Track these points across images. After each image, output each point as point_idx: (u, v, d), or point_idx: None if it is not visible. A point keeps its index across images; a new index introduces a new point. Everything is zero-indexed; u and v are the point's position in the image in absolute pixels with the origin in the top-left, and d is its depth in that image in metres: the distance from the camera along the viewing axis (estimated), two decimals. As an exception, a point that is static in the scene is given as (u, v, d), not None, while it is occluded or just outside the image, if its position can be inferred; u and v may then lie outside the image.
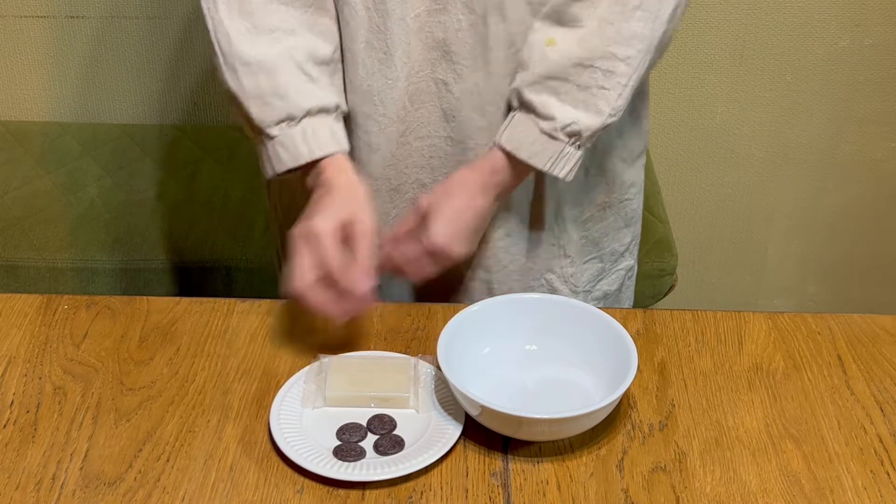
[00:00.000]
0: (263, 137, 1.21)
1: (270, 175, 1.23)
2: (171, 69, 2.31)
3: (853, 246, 2.52)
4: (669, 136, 2.38)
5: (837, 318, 1.24)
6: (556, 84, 1.17)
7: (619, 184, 1.37)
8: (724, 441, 1.07)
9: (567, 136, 1.18)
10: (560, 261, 1.36)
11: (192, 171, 2.19)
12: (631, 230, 1.43)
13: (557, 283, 1.37)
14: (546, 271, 1.36)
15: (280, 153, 1.20)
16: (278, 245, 1.47)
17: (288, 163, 1.20)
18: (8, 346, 1.18)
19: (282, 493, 1.00)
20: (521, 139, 1.19)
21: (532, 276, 1.35)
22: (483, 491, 1.01)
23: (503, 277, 1.34)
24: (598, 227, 1.38)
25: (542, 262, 1.35)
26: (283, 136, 1.20)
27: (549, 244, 1.34)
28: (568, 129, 1.18)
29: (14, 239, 1.98)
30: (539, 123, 1.18)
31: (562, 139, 1.18)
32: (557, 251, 1.35)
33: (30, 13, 2.26)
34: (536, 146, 1.19)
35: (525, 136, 1.19)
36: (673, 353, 1.19)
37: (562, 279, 1.37)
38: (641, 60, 1.17)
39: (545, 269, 1.35)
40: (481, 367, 1.12)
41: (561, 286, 1.37)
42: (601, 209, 1.37)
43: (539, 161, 1.19)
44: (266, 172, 1.23)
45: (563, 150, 1.19)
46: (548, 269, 1.35)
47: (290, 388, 1.11)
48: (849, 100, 2.34)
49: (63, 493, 1.00)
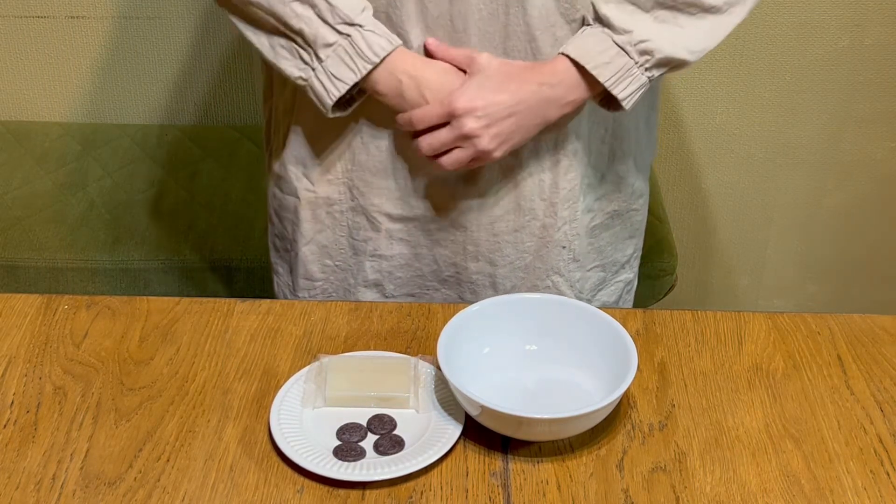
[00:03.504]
0: (319, 52, 1.18)
1: (334, 99, 1.19)
2: (172, 69, 2.31)
3: (853, 246, 2.52)
4: (669, 136, 2.38)
5: (837, 318, 1.24)
6: (641, 0, 1.17)
7: (630, 192, 1.37)
8: (724, 441, 1.07)
9: (638, 54, 1.16)
10: (568, 264, 1.35)
11: (192, 171, 2.19)
12: (634, 242, 1.43)
13: (564, 287, 1.36)
14: (553, 273, 1.35)
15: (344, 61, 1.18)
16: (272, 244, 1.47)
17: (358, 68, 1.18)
18: (8, 346, 1.18)
19: (282, 493, 1.00)
20: (590, 48, 1.17)
21: (537, 276, 1.35)
22: (483, 491, 1.01)
23: (508, 273, 1.33)
24: (604, 235, 1.38)
25: (549, 262, 1.34)
26: (342, 42, 1.17)
27: (560, 246, 1.33)
28: (641, 46, 1.16)
29: (14, 239, 1.98)
30: (612, 36, 1.16)
31: (632, 55, 1.16)
32: (567, 254, 1.34)
33: (30, 13, 2.26)
34: (604, 57, 1.16)
35: (594, 45, 1.17)
36: (673, 353, 1.19)
37: (568, 283, 1.36)
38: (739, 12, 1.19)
39: (552, 271, 1.35)
40: (481, 367, 1.12)
41: (567, 290, 1.36)
42: (610, 217, 1.37)
43: (603, 73, 1.17)
44: (326, 102, 1.20)
45: (630, 68, 1.17)
46: (555, 272, 1.35)
47: (290, 388, 1.11)
48: (849, 100, 2.34)
49: (63, 493, 1.00)
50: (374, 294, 1.37)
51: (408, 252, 1.34)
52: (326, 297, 1.39)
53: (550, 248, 1.33)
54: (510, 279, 1.34)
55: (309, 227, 1.34)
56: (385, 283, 1.36)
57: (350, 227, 1.33)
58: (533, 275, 1.34)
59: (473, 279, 1.34)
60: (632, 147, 1.34)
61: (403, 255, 1.34)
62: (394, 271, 1.35)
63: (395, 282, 1.36)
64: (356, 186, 1.30)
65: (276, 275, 1.45)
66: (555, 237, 1.32)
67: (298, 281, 1.38)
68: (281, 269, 1.43)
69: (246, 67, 2.31)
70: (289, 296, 1.42)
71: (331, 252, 1.35)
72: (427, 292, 1.37)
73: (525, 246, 1.32)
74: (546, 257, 1.34)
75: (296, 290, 1.39)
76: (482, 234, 1.31)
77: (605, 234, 1.38)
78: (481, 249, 1.32)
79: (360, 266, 1.35)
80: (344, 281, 1.37)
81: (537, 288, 1.35)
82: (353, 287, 1.37)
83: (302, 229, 1.35)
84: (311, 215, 1.34)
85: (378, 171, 1.28)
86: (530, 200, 1.29)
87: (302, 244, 1.36)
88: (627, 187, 1.36)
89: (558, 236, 1.32)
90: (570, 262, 1.35)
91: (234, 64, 2.31)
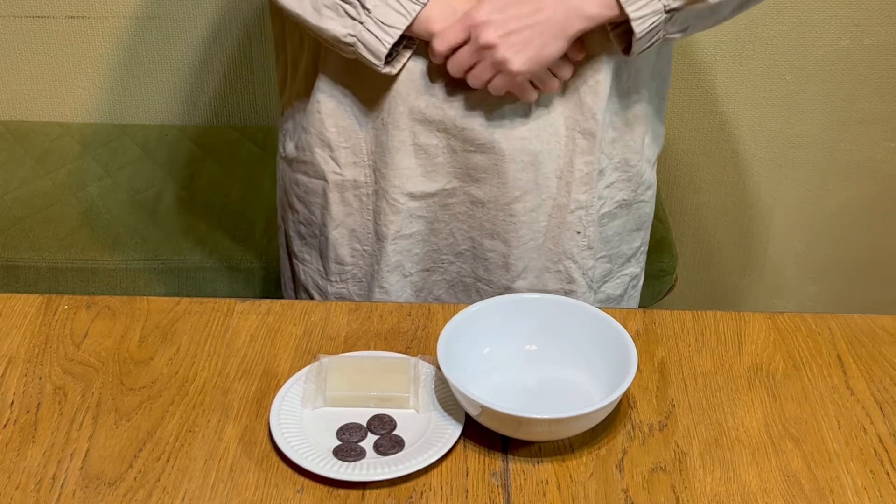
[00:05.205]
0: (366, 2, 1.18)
1: (388, 46, 1.20)
2: (172, 69, 2.31)
3: (853, 246, 2.52)
4: (669, 136, 2.37)
5: (837, 318, 1.24)
6: None
7: (638, 182, 1.37)
8: (724, 441, 1.07)
9: None
10: (583, 251, 1.35)
11: (192, 171, 2.19)
12: (641, 235, 1.43)
13: (576, 275, 1.36)
14: (566, 258, 1.35)
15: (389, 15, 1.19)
16: (284, 241, 1.47)
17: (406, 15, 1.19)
18: (8, 346, 1.18)
19: (282, 493, 1.00)
20: None
21: (549, 259, 1.35)
22: (483, 491, 1.01)
23: (521, 254, 1.34)
24: (612, 224, 1.38)
25: (562, 246, 1.34)
26: None
27: (574, 231, 1.33)
28: None
29: (14, 239, 1.98)
30: None
31: None
32: (581, 240, 1.34)
33: (30, 13, 2.26)
34: None
35: None
36: (673, 353, 1.19)
37: (581, 270, 1.36)
38: None
39: (565, 256, 1.35)
40: (481, 367, 1.12)
41: (579, 277, 1.36)
42: (619, 206, 1.37)
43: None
44: (379, 51, 1.20)
45: (650, 1, 1.17)
46: (568, 257, 1.35)
47: (290, 388, 1.11)
48: (849, 100, 2.34)
49: (63, 493, 1.00)
50: (396, 277, 1.37)
51: (425, 228, 1.34)
52: (357, 283, 1.39)
53: (563, 231, 1.33)
54: (523, 260, 1.34)
55: (338, 209, 1.35)
56: (405, 262, 1.37)
57: (374, 211, 1.34)
58: (545, 256, 1.34)
59: (487, 256, 1.35)
60: (641, 135, 1.34)
61: (421, 232, 1.35)
62: (412, 248, 1.36)
63: (412, 259, 1.37)
64: (378, 168, 1.31)
65: (301, 263, 1.44)
66: (567, 219, 1.32)
67: (330, 265, 1.39)
68: (308, 255, 1.43)
69: (246, 68, 2.31)
70: (320, 282, 1.42)
71: (359, 236, 1.36)
72: (441, 265, 1.38)
73: (539, 226, 1.32)
74: (559, 239, 1.34)
75: (328, 274, 1.40)
76: (500, 214, 1.31)
77: (613, 224, 1.38)
78: (497, 228, 1.32)
79: (383, 251, 1.36)
80: (370, 267, 1.38)
81: (549, 271, 1.35)
82: (377, 273, 1.37)
83: (332, 212, 1.36)
84: (340, 198, 1.35)
85: (398, 150, 1.29)
86: (546, 178, 1.30)
87: (332, 227, 1.37)
88: (636, 176, 1.36)
89: (571, 219, 1.32)
90: (585, 248, 1.35)
91: (234, 64, 2.31)
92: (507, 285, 1.35)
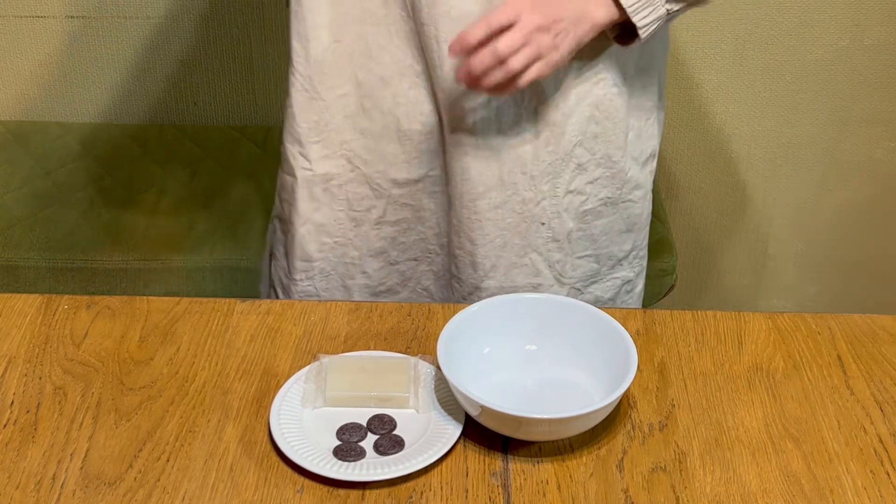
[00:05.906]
0: None
1: None
2: (171, 69, 2.31)
3: (853, 246, 2.52)
4: (669, 136, 2.38)
5: (837, 318, 1.24)
6: None
7: (623, 180, 1.36)
8: (724, 441, 1.07)
9: None
10: (547, 243, 1.35)
11: (192, 171, 2.19)
12: (632, 237, 1.42)
13: (542, 267, 1.36)
14: (531, 250, 1.35)
15: None
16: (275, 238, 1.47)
17: None
18: (8, 346, 1.18)
19: (282, 493, 1.00)
20: None
21: (515, 253, 1.34)
22: (483, 491, 1.01)
23: (488, 252, 1.34)
24: (597, 223, 1.37)
25: (527, 239, 1.34)
26: None
27: (538, 222, 1.33)
28: None
29: (14, 239, 1.98)
30: None
31: None
32: (546, 231, 1.34)
33: (30, 13, 2.26)
34: None
35: None
36: (673, 353, 1.19)
37: (546, 263, 1.36)
38: None
39: (530, 248, 1.35)
40: (481, 367, 1.12)
41: (545, 269, 1.36)
42: (603, 204, 1.36)
43: None
44: None
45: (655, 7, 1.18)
46: (533, 249, 1.35)
47: (290, 388, 1.11)
48: (849, 100, 2.34)
49: (63, 493, 1.00)
50: (380, 262, 1.37)
51: (411, 216, 1.34)
52: (324, 278, 1.39)
53: (529, 224, 1.33)
54: (490, 258, 1.34)
55: (305, 206, 1.35)
56: (390, 249, 1.37)
57: (349, 199, 1.34)
58: (511, 251, 1.34)
59: (456, 254, 1.35)
60: (623, 130, 1.33)
61: (407, 220, 1.35)
62: (397, 236, 1.36)
63: (398, 247, 1.37)
64: (358, 156, 1.31)
65: (273, 260, 1.45)
66: (534, 212, 1.32)
67: (295, 263, 1.39)
68: (278, 253, 1.43)
69: (246, 68, 2.31)
70: (284, 280, 1.42)
71: (328, 229, 1.36)
72: (429, 256, 1.38)
73: (506, 223, 1.32)
74: (525, 233, 1.34)
75: (291, 272, 1.40)
76: (464, 211, 1.31)
77: (598, 223, 1.37)
78: (463, 226, 1.32)
79: (364, 236, 1.35)
80: (344, 256, 1.37)
81: (515, 266, 1.35)
82: (356, 259, 1.37)
83: (298, 209, 1.36)
84: (308, 194, 1.35)
85: (383, 136, 1.29)
86: (511, 174, 1.30)
87: (299, 224, 1.36)
88: (620, 173, 1.36)
89: (537, 211, 1.32)
90: (550, 240, 1.35)
91: (234, 64, 2.31)
92: (476, 284, 1.36)
